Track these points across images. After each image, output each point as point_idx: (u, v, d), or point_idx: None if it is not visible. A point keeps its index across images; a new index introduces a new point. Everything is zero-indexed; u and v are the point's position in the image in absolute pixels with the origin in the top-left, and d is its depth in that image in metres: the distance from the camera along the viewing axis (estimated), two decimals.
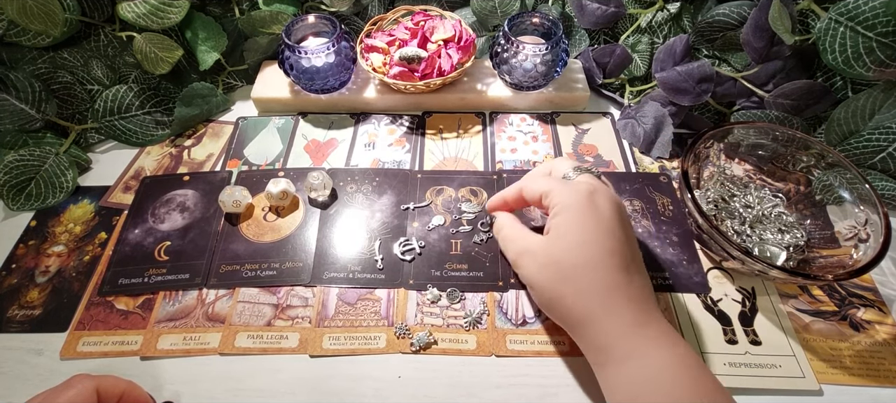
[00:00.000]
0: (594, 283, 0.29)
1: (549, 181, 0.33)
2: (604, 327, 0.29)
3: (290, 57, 0.49)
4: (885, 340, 0.37)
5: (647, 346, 0.28)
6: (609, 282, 0.29)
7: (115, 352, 0.36)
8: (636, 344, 0.28)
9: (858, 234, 0.37)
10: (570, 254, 0.30)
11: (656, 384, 0.27)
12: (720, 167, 0.44)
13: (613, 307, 0.29)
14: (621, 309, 0.29)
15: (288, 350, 0.36)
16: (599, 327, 0.29)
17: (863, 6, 0.40)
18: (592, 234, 0.30)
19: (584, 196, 0.31)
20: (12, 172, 0.45)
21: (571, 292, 0.30)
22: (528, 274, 0.32)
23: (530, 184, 0.35)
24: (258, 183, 0.47)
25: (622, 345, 0.28)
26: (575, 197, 0.31)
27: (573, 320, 0.30)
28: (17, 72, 0.46)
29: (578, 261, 0.30)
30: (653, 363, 0.28)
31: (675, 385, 0.27)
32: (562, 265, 0.30)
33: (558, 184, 0.33)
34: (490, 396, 0.34)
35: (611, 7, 0.52)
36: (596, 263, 0.30)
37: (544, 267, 0.31)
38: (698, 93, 0.48)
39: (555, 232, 0.31)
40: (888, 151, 0.42)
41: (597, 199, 0.31)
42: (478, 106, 0.55)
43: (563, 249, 0.30)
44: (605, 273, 0.29)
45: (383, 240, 0.42)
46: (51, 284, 0.40)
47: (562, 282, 0.30)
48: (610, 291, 0.29)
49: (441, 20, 0.53)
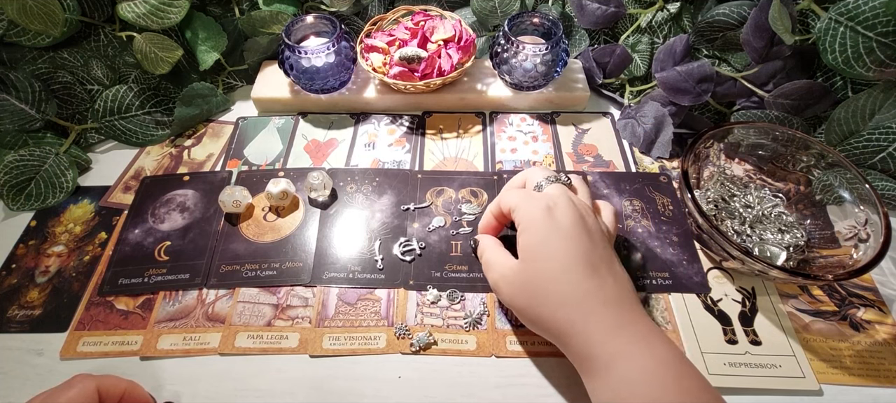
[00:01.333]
0: (566, 295, 0.30)
1: (517, 195, 0.34)
2: (584, 337, 0.29)
3: (290, 57, 0.49)
4: (885, 340, 0.37)
5: (628, 349, 0.28)
6: (580, 291, 0.29)
7: (116, 352, 0.36)
8: (617, 348, 0.28)
9: (858, 234, 0.37)
10: (538, 273, 0.30)
11: (640, 387, 0.27)
12: (720, 167, 0.44)
13: (590, 314, 0.29)
14: (598, 314, 0.29)
15: (288, 350, 0.36)
16: (580, 337, 0.29)
17: (863, 6, 0.40)
18: (555, 248, 0.30)
19: (542, 211, 0.31)
20: (12, 172, 0.45)
21: (547, 309, 0.30)
22: (506, 299, 0.33)
23: (504, 198, 0.35)
24: (258, 183, 0.47)
25: (604, 352, 0.28)
26: (535, 212, 0.32)
27: (555, 335, 0.31)
28: (17, 73, 0.46)
29: (547, 277, 0.30)
30: (636, 366, 0.27)
31: (660, 388, 0.26)
32: (533, 284, 0.31)
33: (523, 200, 0.33)
34: (490, 396, 0.34)
35: (611, 7, 0.52)
36: (564, 275, 0.30)
37: (518, 290, 0.31)
38: (698, 93, 0.48)
39: (522, 253, 0.32)
40: (888, 151, 0.42)
41: (555, 213, 0.31)
42: (478, 106, 0.55)
43: (531, 270, 0.31)
44: (576, 283, 0.30)
45: (383, 241, 0.42)
46: (51, 284, 0.40)
47: (536, 302, 0.30)
48: (583, 299, 0.29)
49: (441, 20, 0.53)
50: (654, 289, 0.39)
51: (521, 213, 0.32)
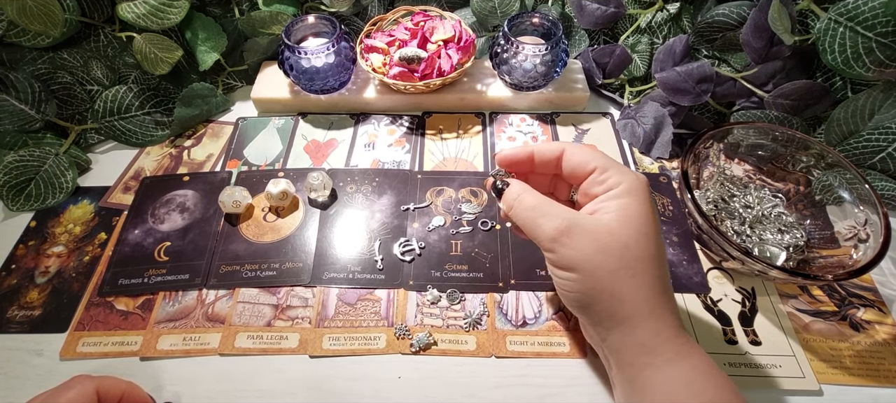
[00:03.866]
0: (655, 280, 0.27)
1: (603, 156, 0.30)
2: (654, 326, 0.27)
3: (290, 57, 0.49)
4: (885, 340, 0.37)
5: (688, 349, 0.28)
6: (664, 282, 0.28)
7: (115, 353, 0.36)
8: (680, 347, 0.27)
9: (858, 234, 0.37)
10: (638, 242, 0.27)
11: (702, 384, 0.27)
12: (720, 167, 0.44)
13: (666, 307, 0.28)
14: (670, 311, 0.28)
15: (288, 350, 0.36)
16: (651, 326, 0.27)
17: (862, 6, 0.40)
18: (655, 228, 0.28)
19: (645, 184, 0.29)
20: (12, 173, 0.45)
21: (633, 285, 0.27)
22: (576, 257, 0.27)
23: (578, 151, 0.30)
24: (258, 183, 0.47)
25: (670, 347, 0.27)
26: (638, 182, 0.28)
27: (621, 315, 0.27)
28: (17, 73, 0.46)
29: (645, 253, 0.27)
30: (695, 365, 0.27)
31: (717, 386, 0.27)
32: (628, 252, 0.27)
33: (619, 166, 0.29)
34: (490, 397, 0.34)
35: (610, 7, 0.52)
36: (658, 259, 0.28)
37: (606, 250, 0.27)
38: (698, 93, 0.48)
39: (620, 215, 0.27)
40: (888, 151, 0.42)
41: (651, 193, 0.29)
42: (477, 106, 0.55)
43: (632, 235, 0.27)
44: (662, 271, 0.28)
45: (383, 241, 0.42)
46: (50, 285, 0.40)
47: (624, 271, 0.27)
48: (664, 291, 0.28)
49: (441, 20, 0.53)
50: None
51: (619, 176, 0.28)
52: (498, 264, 0.40)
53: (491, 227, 0.43)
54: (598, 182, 0.29)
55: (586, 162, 0.30)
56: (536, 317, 0.37)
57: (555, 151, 0.31)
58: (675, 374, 0.27)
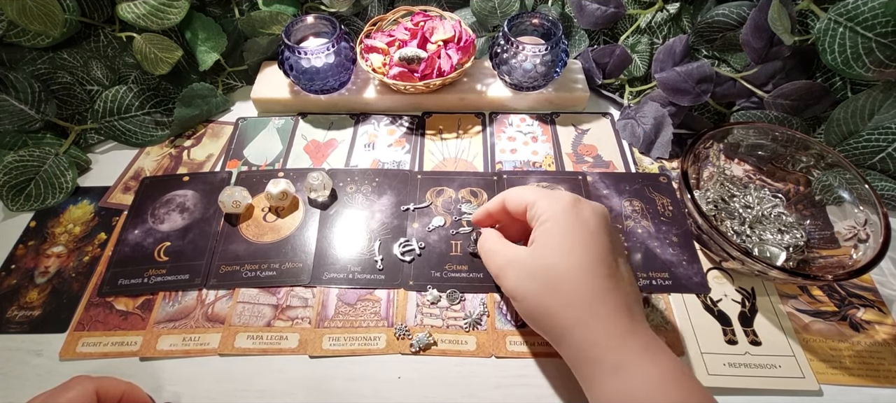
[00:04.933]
0: (582, 291, 0.29)
1: (536, 190, 0.33)
2: (592, 336, 0.28)
3: (290, 57, 0.49)
4: (885, 340, 0.37)
5: (636, 357, 0.27)
6: (596, 289, 0.29)
7: (115, 353, 0.36)
8: (625, 355, 0.27)
9: (858, 234, 0.37)
10: (557, 262, 0.29)
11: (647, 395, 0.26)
12: (720, 167, 0.44)
13: (601, 315, 0.28)
14: (609, 316, 0.28)
15: (288, 350, 0.36)
16: (587, 336, 0.28)
17: (862, 7, 0.40)
18: (579, 241, 0.30)
19: (568, 204, 0.31)
20: (12, 173, 0.45)
21: (559, 301, 0.29)
22: (512, 285, 0.31)
23: (514, 194, 0.34)
24: (258, 183, 0.47)
25: (611, 356, 0.28)
26: (560, 205, 0.31)
27: (559, 330, 0.29)
28: (17, 73, 0.46)
29: (565, 269, 0.29)
30: (643, 374, 0.27)
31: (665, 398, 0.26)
32: (549, 273, 0.29)
33: (544, 195, 0.32)
34: (489, 397, 0.34)
35: (610, 7, 0.52)
36: (583, 270, 0.29)
37: (530, 276, 0.30)
38: (698, 93, 0.48)
39: (541, 241, 0.31)
40: (888, 151, 0.42)
41: (581, 208, 0.31)
42: (477, 106, 0.55)
43: (550, 256, 0.30)
44: (592, 280, 0.29)
45: (383, 241, 0.42)
46: (50, 285, 0.40)
47: (549, 291, 0.29)
48: (597, 299, 0.29)
49: (441, 20, 0.53)
50: (654, 290, 0.39)
51: (542, 205, 0.32)
52: None
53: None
54: (532, 217, 0.32)
55: (520, 201, 0.33)
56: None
57: (500, 200, 0.35)
58: (620, 385, 0.27)
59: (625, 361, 0.27)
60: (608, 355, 0.28)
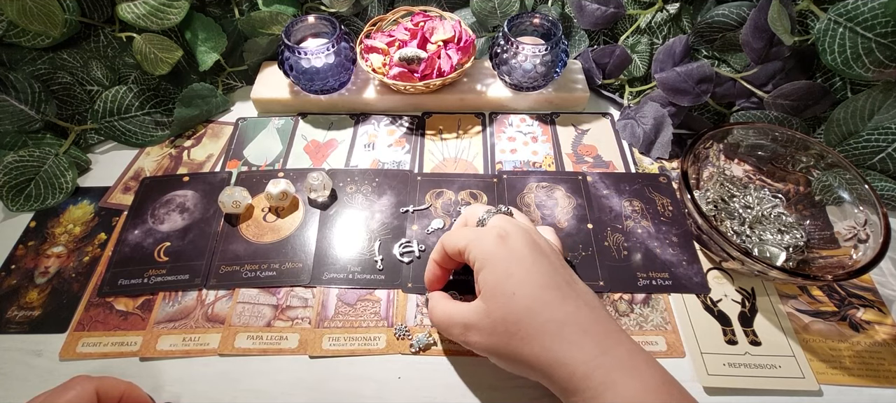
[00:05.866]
0: (543, 327, 0.28)
1: (464, 234, 0.32)
2: (569, 368, 0.27)
3: (290, 57, 0.49)
4: (885, 340, 0.37)
5: (614, 377, 0.26)
6: (557, 319, 0.28)
7: (115, 353, 0.36)
8: (603, 378, 0.26)
9: (858, 235, 0.37)
10: (508, 309, 0.28)
11: None
12: (720, 167, 0.44)
13: (571, 344, 0.27)
14: (579, 342, 0.27)
15: (288, 350, 0.36)
16: (564, 370, 0.27)
17: (862, 7, 0.40)
18: (518, 278, 0.29)
19: (495, 242, 0.30)
20: (12, 173, 0.45)
21: (526, 345, 0.28)
22: (479, 347, 0.30)
23: (449, 240, 0.33)
24: (258, 183, 0.47)
25: (591, 382, 0.26)
26: (489, 245, 0.30)
27: (538, 370, 0.28)
28: (17, 73, 0.46)
29: (519, 310, 0.28)
30: (623, 395, 0.26)
31: None
32: (506, 322, 0.28)
33: (473, 237, 0.31)
34: (489, 397, 0.34)
35: (610, 8, 0.52)
36: (535, 306, 0.28)
37: (491, 333, 0.29)
38: (698, 93, 0.48)
39: (486, 291, 0.30)
40: (887, 152, 0.42)
41: (509, 241, 0.30)
42: (477, 106, 0.55)
43: (501, 307, 0.29)
44: (549, 311, 0.28)
45: (383, 241, 0.42)
46: (50, 285, 0.40)
47: (512, 341, 0.28)
48: (561, 328, 0.28)
49: (441, 21, 0.53)
50: (653, 290, 0.39)
51: (474, 250, 0.31)
52: None
53: None
54: (469, 262, 0.31)
55: (455, 247, 0.32)
56: None
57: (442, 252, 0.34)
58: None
59: (604, 383, 0.26)
60: (588, 382, 0.27)
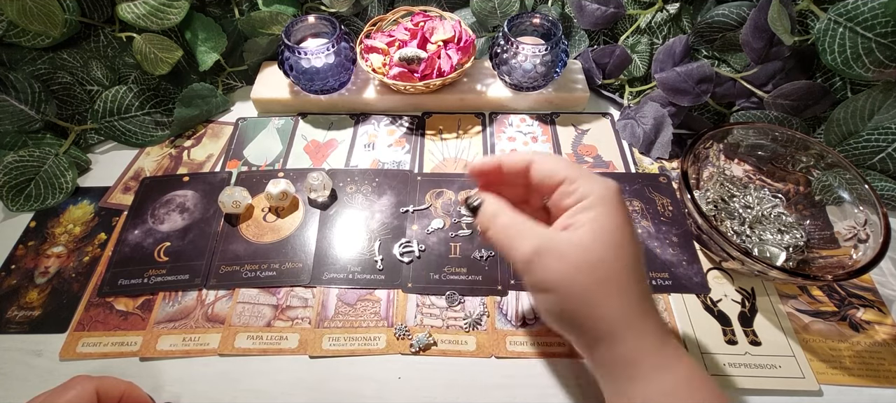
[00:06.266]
0: (632, 292, 0.26)
1: (568, 165, 0.29)
2: (635, 339, 0.26)
3: (290, 57, 0.49)
4: (885, 340, 0.37)
5: (671, 362, 0.27)
6: (641, 291, 0.27)
7: (115, 353, 0.36)
8: (665, 356, 0.26)
9: (858, 235, 0.37)
10: (610, 255, 0.26)
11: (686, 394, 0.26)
12: (720, 167, 0.44)
13: (647, 317, 0.27)
14: (651, 319, 0.27)
15: (288, 350, 0.36)
16: (632, 339, 0.26)
17: (862, 7, 0.40)
18: (628, 236, 0.27)
19: (616, 192, 0.28)
20: (12, 173, 0.45)
21: (608, 301, 0.26)
22: (550, 278, 0.27)
23: (546, 162, 0.29)
24: (258, 183, 0.47)
25: (654, 358, 0.26)
26: (608, 191, 0.27)
27: (600, 332, 0.26)
28: (17, 73, 0.46)
29: (620, 266, 0.26)
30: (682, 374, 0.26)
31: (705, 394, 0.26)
32: (602, 268, 0.26)
33: (583, 173, 0.28)
34: (489, 397, 0.34)
35: (610, 8, 0.52)
36: (632, 269, 0.27)
37: (576, 267, 0.26)
38: (698, 93, 0.48)
39: (590, 228, 0.26)
40: (887, 152, 0.42)
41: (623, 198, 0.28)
42: (477, 106, 0.55)
43: (602, 249, 0.26)
44: (638, 281, 0.27)
45: (383, 241, 0.42)
46: (50, 285, 0.40)
47: (599, 288, 0.26)
48: (642, 300, 0.27)
49: (441, 21, 0.53)
50: (654, 290, 0.39)
51: (587, 186, 0.27)
52: (497, 267, 0.40)
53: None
54: (568, 193, 0.28)
55: (554, 172, 0.29)
56: (536, 318, 0.37)
57: (523, 162, 0.30)
58: (659, 387, 0.26)
59: (663, 365, 0.26)
60: (651, 357, 0.26)
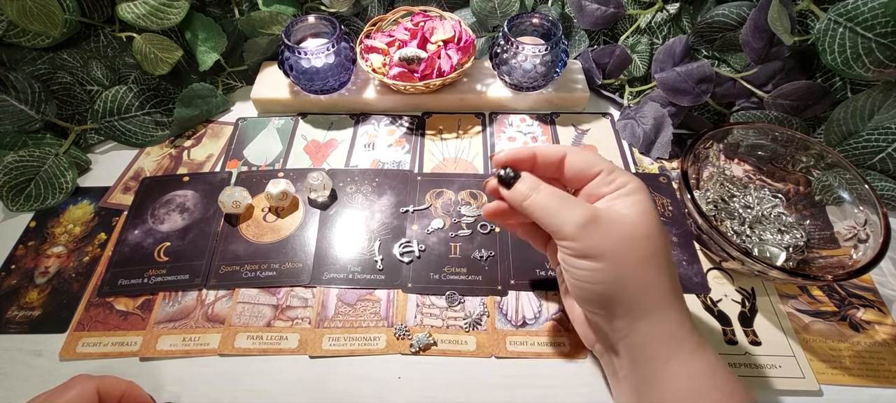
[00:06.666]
0: (673, 272, 0.28)
1: (606, 160, 0.30)
2: (679, 316, 0.28)
3: (290, 57, 0.49)
4: (885, 340, 0.37)
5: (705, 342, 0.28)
6: (675, 274, 0.29)
7: (115, 353, 0.36)
8: (699, 338, 0.28)
9: (858, 235, 0.37)
10: (658, 234, 0.28)
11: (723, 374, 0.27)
12: (720, 167, 0.44)
13: (683, 299, 0.29)
14: (683, 301, 0.29)
15: (288, 350, 0.36)
16: (675, 315, 0.28)
17: (862, 7, 0.40)
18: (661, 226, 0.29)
19: (642, 185, 0.29)
20: (12, 173, 0.45)
21: (658, 274, 0.27)
22: (603, 245, 0.27)
23: (582, 155, 0.30)
24: (258, 183, 0.47)
25: (693, 338, 0.28)
26: (643, 184, 0.29)
27: (648, 304, 0.27)
28: (17, 73, 0.46)
29: (663, 245, 0.28)
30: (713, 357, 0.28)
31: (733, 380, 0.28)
32: (651, 241, 0.27)
33: (613, 164, 0.30)
34: (489, 397, 0.34)
35: (610, 8, 0.52)
36: (669, 252, 0.29)
37: (632, 238, 0.27)
38: (698, 93, 0.48)
39: (638, 208, 0.28)
40: (887, 152, 0.42)
41: None
42: (477, 106, 0.55)
43: (652, 226, 0.28)
44: (672, 264, 0.29)
45: (383, 241, 0.42)
46: (50, 285, 0.40)
47: (650, 259, 0.27)
48: (677, 282, 0.29)
49: (441, 21, 0.53)
50: None
51: (625, 177, 0.29)
52: (497, 267, 0.40)
53: (490, 230, 0.43)
54: (606, 182, 0.29)
55: (591, 165, 0.30)
56: (536, 317, 0.37)
57: (558, 154, 0.31)
58: (698, 365, 0.27)
59: (701, 343, 0.28)
60: (692, 335, 0.28)
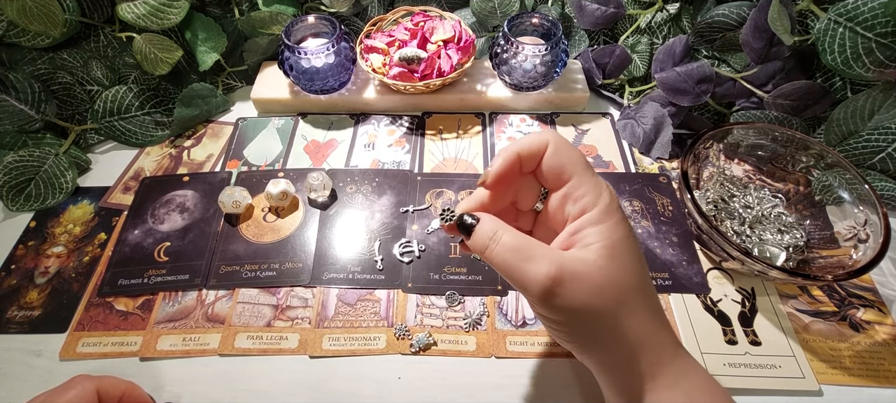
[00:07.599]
0: (647, 307, 0.25)
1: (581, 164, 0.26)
2: (653, 356, 0.25)
3: (290, 57, 0.49)
4: (885, 340, 0.37)
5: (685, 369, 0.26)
6: (654, 305, 0.26)
7: (115, 353, 0.36)
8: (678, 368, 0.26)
9: (858, 235, 0.37)
10: (627, 272, 0.25)
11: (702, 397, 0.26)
12: (720, 167, 0.44)
13: (662, 330, 0.26)
14: (665, 331, 0.26)
15: (288, 350, 0.36)
16: (649, 356, 0.25)
17: (862, 7, 0.40)
18: (635, 248, 0.25)
19: (615, 197, 0.26)
20: (12, 173, 0.45)
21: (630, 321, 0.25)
22: (571, 305, 0.24)
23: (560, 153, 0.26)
24: (258, 183, 0.47)
25: (669, 371, 0.25)
26: (610, 200, 0.25)
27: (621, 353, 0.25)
28: (17, 73, 0.46)
29: (635, 282, 0.25)
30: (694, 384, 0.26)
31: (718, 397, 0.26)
32: (620, 285, 0.24)
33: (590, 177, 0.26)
34: (489, 397, 0.34)
35: (610, 8, 0.52)
36: (646, 283, 0.26)
37: (600, 291, 0.24)
38: (698, 93, 0.48)
39: (603, 244, 0.24)
40: (887, 152, 0.42)
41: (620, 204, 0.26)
42: (477, 106, 0.55)
43: (621, 266, 0.24)
44: (651, 294, 0.26)
45: (383, 241, 0.42)
46: (50, 285, 0.40)
47: (621, 309, 0.24)
48: (656, 313, 0.26)
49: (441, 21, 0.53)
50: None
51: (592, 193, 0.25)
52: None
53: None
54: (572, 198, 0.26)
55: (563, 168, 0.26)
56: (536, 318, 0.37)
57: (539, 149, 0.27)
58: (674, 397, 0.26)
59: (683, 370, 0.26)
60: (673, 365, 0.26)
